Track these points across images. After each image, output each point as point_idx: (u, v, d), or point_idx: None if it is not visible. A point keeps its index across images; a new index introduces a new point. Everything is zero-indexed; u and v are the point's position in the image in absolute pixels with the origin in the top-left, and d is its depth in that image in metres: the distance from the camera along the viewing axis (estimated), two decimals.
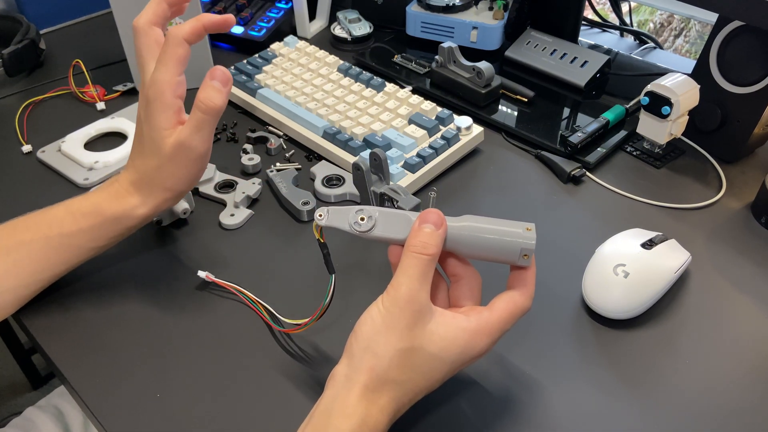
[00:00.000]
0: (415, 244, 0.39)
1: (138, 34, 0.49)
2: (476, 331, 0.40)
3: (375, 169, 0.58)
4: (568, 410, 0.46)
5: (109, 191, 0.51)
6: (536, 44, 0.83)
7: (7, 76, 0.83)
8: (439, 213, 0.40)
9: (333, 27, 0.92)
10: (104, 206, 0.50)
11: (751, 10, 0.59)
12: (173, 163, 0.48)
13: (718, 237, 0.61)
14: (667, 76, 0.65)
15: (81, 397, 0.47)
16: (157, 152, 0.48)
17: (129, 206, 0.50)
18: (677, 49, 1.65)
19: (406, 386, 0.39)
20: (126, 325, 0.52)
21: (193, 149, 0.48)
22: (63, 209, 0.51)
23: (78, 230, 0.50)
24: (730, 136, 0.69)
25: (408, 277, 0.39)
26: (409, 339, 0.38)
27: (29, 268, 0.50)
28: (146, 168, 0.49)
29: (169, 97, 0.47)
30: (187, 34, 0.47)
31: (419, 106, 0.72)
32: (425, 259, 0.39)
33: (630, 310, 0.52)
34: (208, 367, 0.49)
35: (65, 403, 0.72)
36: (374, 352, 0.38)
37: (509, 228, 0.40)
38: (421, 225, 0.40)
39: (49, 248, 0.50)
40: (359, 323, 0.40)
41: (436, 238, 0.39)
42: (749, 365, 0.49)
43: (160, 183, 0.49)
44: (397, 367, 0.38)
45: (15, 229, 0.50)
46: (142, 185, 0.50)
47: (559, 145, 0.70)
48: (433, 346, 0.39)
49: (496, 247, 0.40)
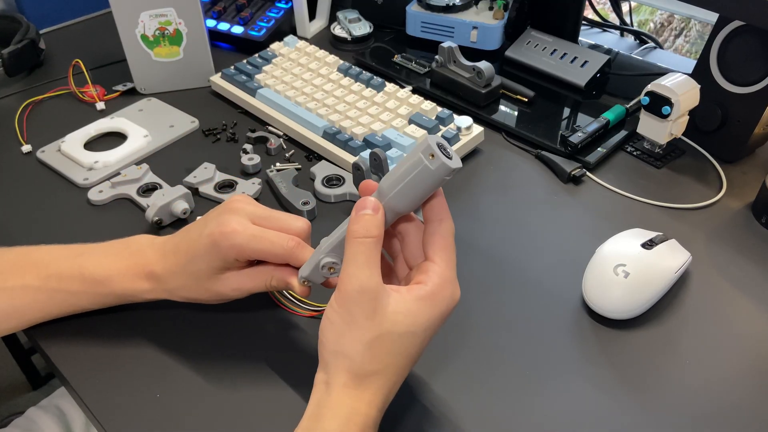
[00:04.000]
0: (357, 229, 0.38)
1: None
2: (435, 290, 0.39)
3: (375, 169, 0.58)
4: (568, 410, 0.46)
5: (127, 264, 0.48)
6: (536, 44, 0.83)
7: (7, 76, 0.83)
8: (374, 199, 0.39)
9: (333, 27, 0.92)
10: (115, 281, 0.48)
11: (751, 10, 0.59)
12: (207, 295, 0.48)
13: (718, 237, 0.61)
14: (668, 76, 0.65)
15: (81, 397, 0.47)
16: (200, 282, 0.47)
17: (139, 290, 0.48)
18: (677, 49, 1.65)
19: (387, 372, 0.39)
20: (126, 325, 0.52)
21: (229, 297, 0.48)
22: (76, 267, 0.49)
23: (83, 292, 0.49)
24: (730, 136, 0.68)
25: (356, 267, 0.38)
26: (373, 328, 0.38)
27: (29, 314, 0.50)
28: (176, 279, 0.47)
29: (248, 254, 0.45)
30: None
31: (419, 106, 0.72)
32: (369, 242, 0.38)
33: (630, 310, 0.52)
34: (209, 367, 0.49)
35: (67, 404, 0.72)
36: (344, 354, 0.38)
37: (418, 168, 0.37)
38: (357, 213, 0.39)
39: (51, 301, 0.49)
40: (321, 330, 0.39)
41: (376, 220, 0.38)
42: (749, 365, 0.49)
43: (178, 293, 0.48)
44: (371, 359, 0.38)
45: (24, 269, 0.49)
46: (161, 284, 0.48)
47: (559, 145, 0.70)
48: (400, 326, 0.38)
49: (423, 192, 0.38)
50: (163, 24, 0.76)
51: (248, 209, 0.46)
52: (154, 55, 0.78)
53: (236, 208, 0.46)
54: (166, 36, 0.77)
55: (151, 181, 0.66)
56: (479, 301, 0.54)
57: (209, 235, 0.45)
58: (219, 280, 0.46)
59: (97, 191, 0.65)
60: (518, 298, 0.55)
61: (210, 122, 0.76)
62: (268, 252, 0.45)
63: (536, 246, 0.60)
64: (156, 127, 0.74)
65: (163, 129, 0.74)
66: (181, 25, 0.77)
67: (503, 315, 0.53)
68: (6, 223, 0.63)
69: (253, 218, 0.46)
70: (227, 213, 0.46)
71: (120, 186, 0.65)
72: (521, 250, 0.59)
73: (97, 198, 0.64)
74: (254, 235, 0.44)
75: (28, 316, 0.50)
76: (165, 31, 0.77)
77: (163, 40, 0.77)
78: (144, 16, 0.75)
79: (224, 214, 0.45)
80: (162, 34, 0.77)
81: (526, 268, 0.57)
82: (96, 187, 0.65)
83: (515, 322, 0.53)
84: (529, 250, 0.59)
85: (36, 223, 0.63)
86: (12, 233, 0.61)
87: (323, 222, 0.62)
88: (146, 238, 0.50)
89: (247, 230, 0.44)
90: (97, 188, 0.65)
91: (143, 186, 0.65)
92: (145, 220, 0.60)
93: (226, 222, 0.45)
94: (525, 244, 0.60)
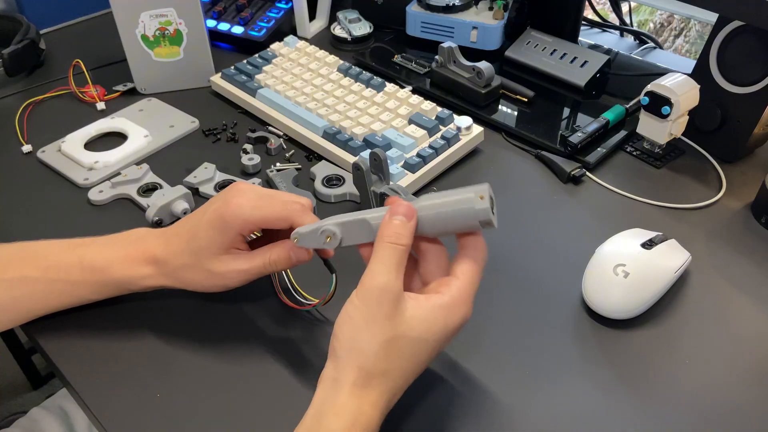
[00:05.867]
0: (390, 234, 0.40)
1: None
2: (452, 303, 0.40)
3: (375, 169, 0.58)
4: (567, 410, 0.46)
5: (127, 252, 0.49)
6: (536, 44, 0.83)
7: (7, 76, 0.83)
8: (409, 205, 0.40)
9: (333, 27, 0.92)
10: (115, 268, 0.49)
11: (751, 10, 0.59)
12: (207, 278, 0.48)
13: (718, 237, 0.61)
14: (667, 76, 0.65)
15: (81, 397, 0.47)
16: (201, 262, 0.47)
17: (138, 275, 0.49)
18: (677, 49, 1.65)
19: (394, 375, 0.39)
20: (126, 325, 0.52)
21: (229, 280, 0.48)
22: (76, 257, 0.49)
23: (83, 282, 0.49)
24: (730, 136, 0.69)
25: (384, 266, 0.39)
26: (391, 328, 0.38)
27: (28, 305, 0.50)
28: (177, 258, 0.48)
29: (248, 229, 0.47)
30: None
31: (419, 106, 0.72)
32: (400, 249, 0.39)
33: (630, 310, 0.52)
34: (209, 367, 0.49)
35: (70, 404, 0.72)
36: (359, 350, 0.38)
37: (463, 205, 0.40)
38: (392, 217, 0.40)
39: (50, 292, 0.49)
40: (338, 324, 0.40)
41: (409, 229, 0.40)
42: (749, 365, 0.49)
43: (178, 274, 0.48)
44: (383, 359, 0.38)
45: (23, 261, 0.49)
46: (162, 266, 0.48)
47: (559, 145, 0.70)
48: (415, 331, 0.39)
49: (455, 226, 0.41)
50: (164, 24, 0.76)
51: (253, 188, 0.48)
52: (155, 55, 0.78)
53: (241, 188, 0.48)
54: (166, 36, 0.77)
55: (151, 181, 0.66)
56: (479, 301, 0.54)
57: (215, 210, 0.46)
58: (219, 260, 0.47)
59: (98, 191, 0.65)
60: (518, 298, 0.55)
61: (210, 122, 0.76)
62: (271, 216, 0.46)
63: (536, 246, 0.60)
64: (156, 127, 0.74)
65: (164, 129, 0.74)
66: (181, 25, 0.77)
67: (503, 315, 0.53)
68: (6, 223, 0.63)
69: (258, 196, 0.47)
70: (232, 191, 0.47)
71: (120, 186, 0.65)
72: (521, 250, 0.59)
73: (97, 198, 0.64)
74: (258, 205, 0.46)
75: (27, 308, 0.50)
76: (165, 31, 0.77)
77: (163, 40, 0.77)
78: (144, 16, 0.75)
79: (229, 192, 0.47)
80: (162, 34, 0.77)
81: (526, 268, 0.58)
82: (96, 187, 0.65)
83: (515, 322, 0.53)
84: (529, 250, 0.59)
85: (36, 223, 0.63)
86: (12, 233, 0.61)
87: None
88: (144, 229, 0.51)
89: (251, 201, 0.46)
90: (97, 188, 0.65)
91: (143, 186, 0.65)
92: (146, 220, 0.60)
93: (232, 197, 0.46)
94: (525, 244, 0.60)
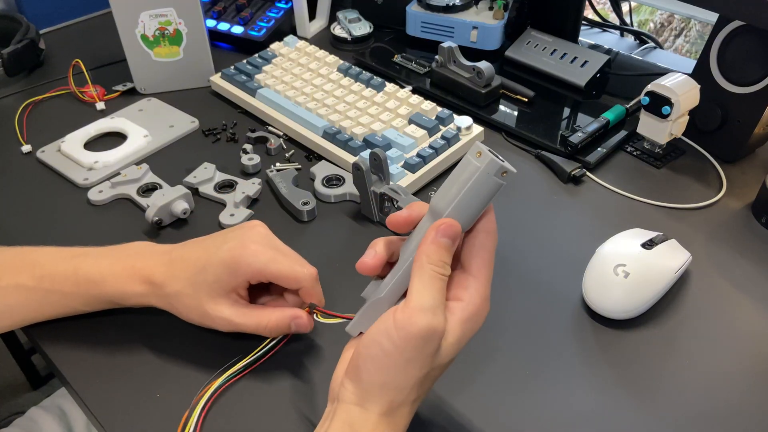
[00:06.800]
0: (436, 262, 0.35)
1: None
2: (476, 312, 0.37)
3: (375, 169, 0.58)
4: (568, 410, 0.46)
5: (123, 266, 0.48)
6: (536, 44, 0.83)
7: (6, 76, 0.83)
8: (454, 224, 0.36)
9: (333, 27, 0.92)
10: (109, 283, 0.48)
11: (751, 10, 0.59)
12: (197, 314, 0.47)
13: (718, 237, 0.61)
14: (668, 76, 0.65)
15: (80, 396, 0.47)
16: (198, 296, 0.46)
17: (131, 292, 0.48)
18: (677, 49, 1.65)
19: (422, 397, 0.38)
20: (126, 325, 0.52)
21: (214, 324, 0.47)
22: (71, 267, 0.49)
23: (76, 294, 0.49)
24: (730, 136, 0.68)
25: (428, 301, 0.35)
26: (430, 363, 0.36)
27: (22, 313, 0.50)
28: (175, 284, 0.47)
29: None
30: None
31: (419, 106, 0.72)
32: (444, 279, 0.36)
33: (630, 310, 0.52)
34: (209, 367, 0.49)
35: (68, 404, 0.72)
36: (396, 387, 0.36)
37: (474, 175, 0.35)
38: (438, 237, 0.35)
39: (45, 302, 0.49)
40: (368, 356, 0.36)
41: (452, 253, 0.36)
42: (749, 365, 0.49)
43: (171, 300, 0.48)
44: (416, 390, 0.37)
45: (19, 269, 0.49)
46: (156, 288, 0.47)
47: (559, 145, 0.70)
48: (448, 357, 0.37)
49: (480, 204, 0.36)
50: (163, 24, 0.76)
51: (269, 236, 0.48)
52: (154, 55, 0.78)
53: (259, 232, 0.47)
54: (166, 36, 0.77)
55: (151, 181, 0.66)
56: None
57: (230, 249, 0.46)
58: (216, 302, 0.46)
59: (97, 191, 0.65)
60: (518, 298, 0.55)
61: (210, 122, 0.76)
62: (284, 274, 0.46)
63: (536, 246, 0.60)
64: (156, 127, 0.74)
65: (163, 129, 0.74)
66: (181, 25, 0.77)
67: (503, 315, 0.53)
68: (6, 223, 0.63)
69: (273, 248, 0.47)
70: (250, 234, 0.47)
71: (120, 186, 0.65)
72: (521, 250, 0.59)
73: (97, 198, 0.64)
74: (274, 258, 0.46)
75: (21, 316, 0.50)
76: (165, 31, 0.77)
77: (163, 40, 0.77)
78: (144, 16, 0.75)
79: (247, 234, 0.47)
80: (162, 34, 0.77)
81: (526, 269, 0.58)
82: (96, 187, 0.65)
83: (515, 322, 0.53)
84: (529, 250, 0.59)
85: (36, 223, 0.63)
86: (12, 233, 0.61)
87: (323, 222, 0.62)
88: (145, 244, 0.51)
89: (267, 253, 0.46)
90: (97, 188, 0.65)
91: (143, 186, 0.65)
92: (145, 220, 0.60)
93: (249, 242, 0.46)
94: (525, 244, 0.60)
